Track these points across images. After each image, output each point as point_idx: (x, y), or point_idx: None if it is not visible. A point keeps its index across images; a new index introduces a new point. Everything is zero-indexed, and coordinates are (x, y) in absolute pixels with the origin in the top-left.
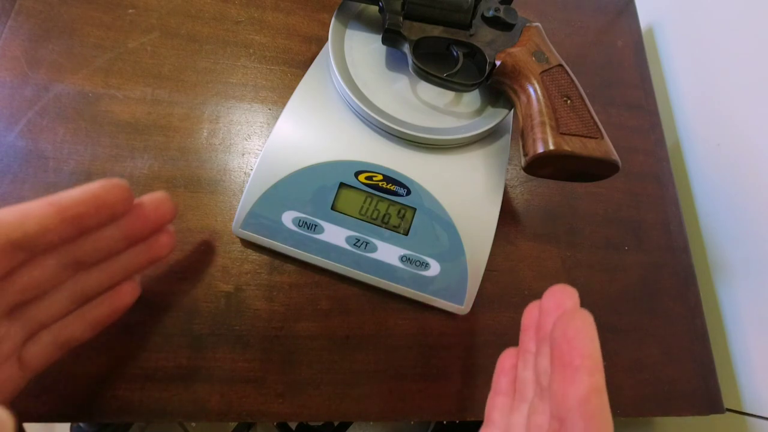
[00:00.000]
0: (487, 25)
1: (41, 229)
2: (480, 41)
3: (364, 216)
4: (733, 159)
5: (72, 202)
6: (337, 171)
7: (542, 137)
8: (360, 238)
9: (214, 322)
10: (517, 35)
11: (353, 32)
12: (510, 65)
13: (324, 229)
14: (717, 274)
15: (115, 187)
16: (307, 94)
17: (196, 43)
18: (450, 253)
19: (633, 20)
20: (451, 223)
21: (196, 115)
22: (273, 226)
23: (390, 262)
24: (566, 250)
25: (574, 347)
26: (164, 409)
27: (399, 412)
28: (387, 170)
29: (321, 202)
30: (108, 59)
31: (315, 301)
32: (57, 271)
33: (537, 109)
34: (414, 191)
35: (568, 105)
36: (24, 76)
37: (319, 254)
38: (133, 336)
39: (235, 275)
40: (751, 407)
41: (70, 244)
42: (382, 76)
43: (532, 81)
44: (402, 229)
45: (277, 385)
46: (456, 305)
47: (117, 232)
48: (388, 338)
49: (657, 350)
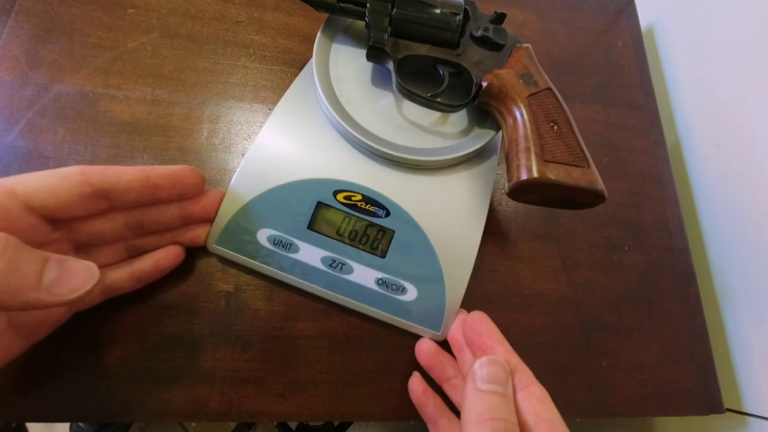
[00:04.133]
0: (476, 44)
1: (128, 188)
2: (467, 61)
3: (341, 236)
4: (733, 159)
5: (158, 173)
6: (315, 189)
7: (526, 164)
8: (336, 259)
9: (214, 322)
10: (506, 56)
11: (339, 47)
12: (497, 87)
13: (299, 248)
14: (717, 274)
15: (194, 172)
16: (289, 108)
17: (196, 43)
18: (428, 278)
19: (633, 20)
20: (430, 247)
21: (196, 115)
22: (248, 244)
23: (366, 285)
24: (566, 250)
25: (481, 332)
26: (164, 409)
27: (399, 412)
28: (367, 190)
29: (297, 221)
30: (108, 59)
31: (315, 301)
32: (121, 229)
33: (522, 134)
34: (393, 213)
35: (554, 131)
36: (24, 76)
37: (294, 274)
38: (133, 336)
39: (235, 275)
40: (751, 407)
41: (140, 209)
42: (366, 93)
43: (519, 104)
44: (379, 252)
45: (277, 385)
46: (432, 331)
47: (178, 210)
48: (388, 338)
49: (657, 350)
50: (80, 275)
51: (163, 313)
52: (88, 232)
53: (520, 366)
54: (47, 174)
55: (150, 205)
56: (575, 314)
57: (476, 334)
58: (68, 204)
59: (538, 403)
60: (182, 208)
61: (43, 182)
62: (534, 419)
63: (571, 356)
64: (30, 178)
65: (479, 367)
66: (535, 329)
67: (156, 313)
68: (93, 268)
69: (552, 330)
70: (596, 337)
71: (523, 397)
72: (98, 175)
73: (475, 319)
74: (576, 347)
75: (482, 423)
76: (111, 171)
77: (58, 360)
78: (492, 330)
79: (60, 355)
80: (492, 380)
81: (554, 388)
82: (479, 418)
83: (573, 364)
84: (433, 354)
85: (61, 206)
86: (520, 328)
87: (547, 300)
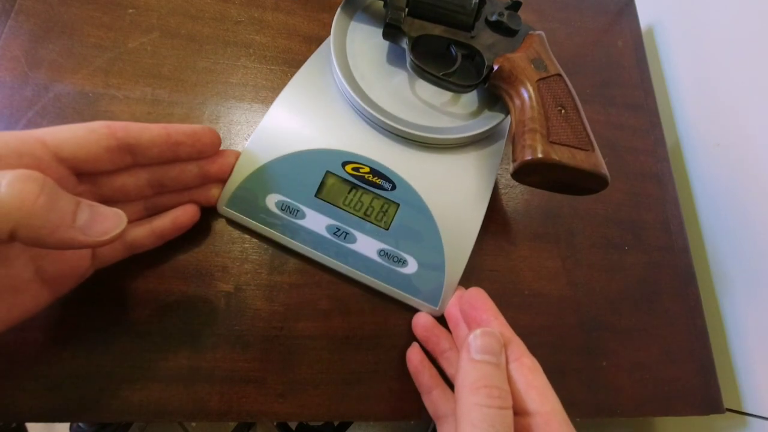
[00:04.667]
0: (490, 28)
1: (151, 143)
2: (480, 44)
3: (346, 206)
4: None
5: (178, 131)
6: (324, 159)
7: (531, 144)
8: (340, 228)
9: (214, 322)
10: (518, 42)
11: (357, 25)
12: (507, 70)
13: (306, 215)
14: (717, 274)
15: (211, 132)
16: (305, 80)
17: (196, 43)
18: (429, 253)
19: (633, 20)
20: (433, 223)
21: (196, 115)
22: (257, 207)
23: (368, 255)
24: (566, 250)
25: (477, 306)
26: (164, 409)
27: (399, 412)
28: (375, 163)
29: (305, 188)
30: (108, 59)
31: (315, 301)
32: (144, 185)
33: (529, 116)
34: (399, 187)
35: (561, 114)
36: (24, 76)
37: (299, 240)
38: (133, 336)
39: (235, 275)
40: (751, 407)
41: (161, 167)
42: (381, 70)
43: (528, 87)
44: (383, 224)
45: (277, 385)
46: (430, 306)
47: (196, 169)
48: (388, 338)
49: (657, 350)
50: (110, 220)
51: (163, 312)
52: (112, 187)
53: (513, 339)
54: (75, 127)
55: (171, 163)
56: (575, 314)
57: (473, 308)
58: (95, 156)
59: (529, 372)
60: (200, 167)
61: (71, 134)
62: (525, 387)
63: (571, 356)
64: (59, 130)
65: (474, 339)
66: (535, 329)
67: (156, 313)
68: (122, 215)
69: (552, 330)
70: (596, 337)
71: (516, 368)
72: (123, 129)
73: (472, 294)
74: (576, 347)
75: (476, 390)
76: (135, 126)
77: (58, 360)
78: (488, 304)
79: (60, 355)
80: (486, 351)
81: (554, 388)
82: (473, 386)
83: (573, 364)
84: (430, 327)
85: (89, 158)
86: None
87: (547, 300)
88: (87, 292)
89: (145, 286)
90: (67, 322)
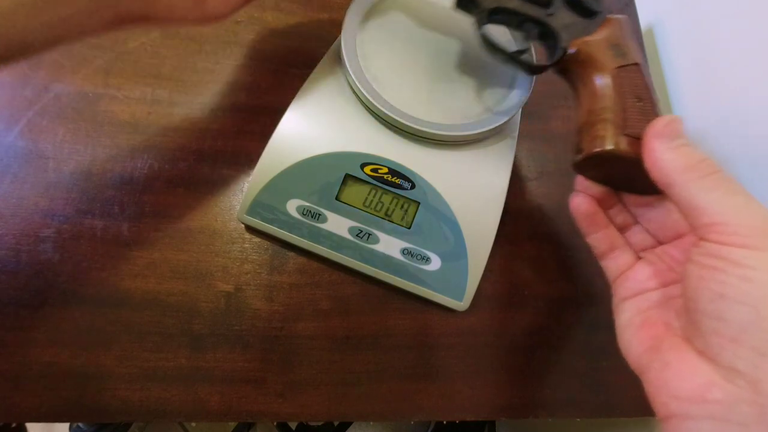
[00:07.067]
0: (568, 7)
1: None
2: (557, 23)
3: (367, 208)
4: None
5: None
6: (343, 162)
7: (603, 134)
8: (363, 230)
9: (214, 322)
10: (597, 24)
11: (368, 24)
12: (584, 54)
13: (327, 218)
14: None
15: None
16: (317, 84)
17: (196, 43)
18: (451, 249)
19: (633, 20)
20: (453, 219)
21: (196, 115)
22: (277, 214)
23: (391, 255)
24: (566, 250)
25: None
26: (164, 409)
27: (399, 412)
28: (393, 163)
29: (326, 192)
30: (108, 59)
31: (315, 301)
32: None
33: (604, 105)
34: (418, 186)
35: (637, 107)
36: (24, 76)
37: (322, 243)
38: (134, 336)
39: (235, 275)
40: None
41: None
42: (392, 70)
43: (605, 75)
44: (405, 223)
45: (277, 385)
46: (455, 301)
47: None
48: (388, 338)
49: None
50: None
51: (163, 313)
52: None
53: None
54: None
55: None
56: (575, 314)
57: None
58: None
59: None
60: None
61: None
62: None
63: (571, 356)
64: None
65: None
66: (535, 329)
67: (156, 313)
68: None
69: (552, 330)
70: (596, 337)
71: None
72: None
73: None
74: (576, 347)
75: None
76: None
77: (57, 360)
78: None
79: (60, 355)
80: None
81: (554, 388)
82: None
83: (573, 364)
84: (592, 213)
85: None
86: (520, 328)
87: (547, 300)
88: (87, 292)
89: (145, 286)
90: (67, 322)
